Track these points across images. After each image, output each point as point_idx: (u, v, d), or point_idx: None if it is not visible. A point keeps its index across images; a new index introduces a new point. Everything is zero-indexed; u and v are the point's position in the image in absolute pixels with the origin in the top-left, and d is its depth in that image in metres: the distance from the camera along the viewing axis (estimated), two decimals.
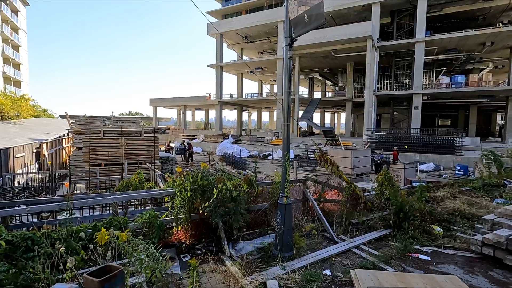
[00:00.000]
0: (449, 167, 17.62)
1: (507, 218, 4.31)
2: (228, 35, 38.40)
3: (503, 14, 28.17)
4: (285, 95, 4.29)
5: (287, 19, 4.08)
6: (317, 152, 5.84)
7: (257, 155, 25.01)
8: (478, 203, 6.97)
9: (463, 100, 30.47)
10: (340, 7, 28.90)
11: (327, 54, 29.47)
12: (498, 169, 9.18)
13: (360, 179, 11.13)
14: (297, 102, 30.92)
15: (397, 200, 5.10)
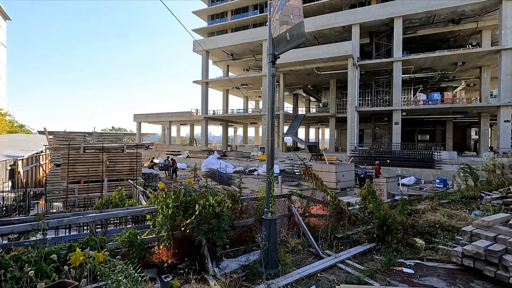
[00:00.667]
0: (429, 180, 18.16)
1: (484, 229, 4.45)
2: (214, 52, 39.00)
3: (472, 37, 30.28)
4: (269, 111, 4.35)
5: (270, 37, 4.20)
6: (302, 167, 5.88)
7: (243, 170, 24.89)
8: (457, 215, 7.16)
9: (440, 116, 31.93)
10: (322, 27, 30.18)
11: (310, 72, 30.38)
12: (474, 182, 9.54)
13: (344, 193, 11.24)
14: (282, 118, 31.35)
15: (380, 214, 5.17)
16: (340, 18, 29.57)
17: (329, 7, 33.52)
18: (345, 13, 30.03)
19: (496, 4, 24.37)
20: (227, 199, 4.12)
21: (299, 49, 30.24)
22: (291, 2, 3.62)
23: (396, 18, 27.00)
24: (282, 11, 3.80)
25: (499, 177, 10.05)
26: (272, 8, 4.04)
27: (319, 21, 30.47)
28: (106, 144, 13.34)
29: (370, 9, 28.87)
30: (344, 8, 32.61)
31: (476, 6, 25.15)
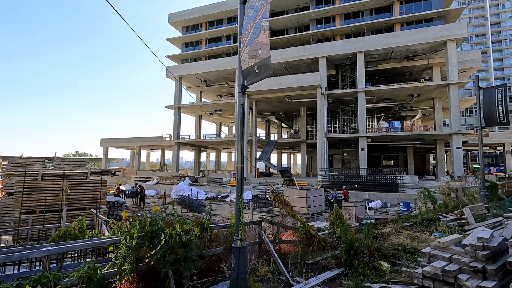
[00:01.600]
0: (394, 204, 19.02)
1: (440, 250, 4.73)
2: (187, 78, 39.38)
3: (424, 72, 33.67)
4: (238, 137, 4.47)
5: (240, 69, 4.43)
6: (272, 193, 5.97)
7: (215, 196, 24.40)
8: (419, 237, 7.54)
9: (401, 142, 34.20)
10: (292, 58, 31.96)
11: (281, 99, 31.55)
12: (433, 204, 10.19)
13: (315, 218, 11.39)
14: (255, 144, 31.73)
15: (347, 238, 5.32)
16: (308, 51, 31.62)
17: (298, 40, 35.85)
18: (312, 47, 32.22)
19: (443, 45, 27.62)
20: (195, 227, 4.03)
21: (271, 78, 31.54)
22: (259, 38, 3.90)
23: (358, 53, 29.46)
24: (251, 46, 4.07)
25: (454, 199, 10.84)
26: (242, 43, 4.31)
27: (290, 53, 32.32)
28: (68, 170, 12.55)
29: (335, 44, 31.31)
30: (312, 42, 35.04)
31: (426, 46, 28.30)
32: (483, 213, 8.68)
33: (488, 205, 9.61)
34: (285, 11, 37.33)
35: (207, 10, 39.81)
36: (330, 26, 34.41)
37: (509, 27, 77.40)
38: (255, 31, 3.89)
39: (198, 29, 41.56)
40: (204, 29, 41.02)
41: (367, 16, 33.17)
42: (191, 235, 3.78)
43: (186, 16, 40.98)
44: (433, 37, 27.31)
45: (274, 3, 36.03)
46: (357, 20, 33.43)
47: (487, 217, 8.26)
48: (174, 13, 41.94)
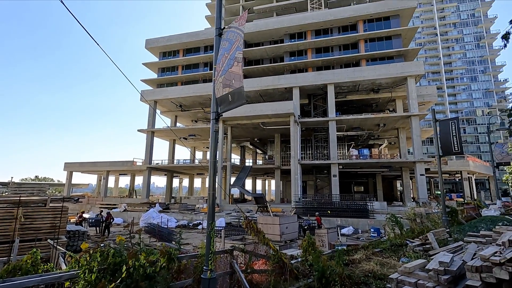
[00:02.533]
0: (365, 229, 19.37)
1: (407, 276, 4.87)
2: (162, 102, 39.11)
3: (389, 103, 36.23)
4: (211, 164, 4.47)
5: (214, 97, 4.54)
6: (244, 220, 5.89)
7: (187, 224, 23.42)
8: (388, 263, 7.68)
9: (370, 169, 35.70)
10: (267, 87, 33.14)
11: (256, 126, 32.12)
12: (400, 230, 10.55)
13: (289, 246, 11.27)
14: (229, 169, 31.50)
15: (319, 266, 5.31)
16: (282, 81, 33.04)
17: (273, 70, 37.46)
18: (286, 77, 33.77)
19: (403, 80, 30.19)
20: (161, 257, 3.83)
21: (247, 105, 32.24)
22: (233, 69, 4.07)
23: (329, 84, 31.28)
24: (225, 76, 4.23)
25: (419, 225, 11.32)
26: (216, 72, 4.46)
27: (265, 81, 33.55)
28: (24, 197, 11.55)
29: (308, 75, 33.09)
30: (285, 72, 36.76)
31: (389, 80, 30.78)
32: (445, 238, 9.12)
33: (450, 229, 10.13)
34: (261, 43, 39.24)
35: (184, 37, 40.76)
36: (303, 58, 36.50)
37: (459, 67, 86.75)
38: (229, 62, 4.07)
39: (175, 55, 42.13)
40: (181, 56, 41.69)
41: (336, 51, 35.74)
42: (156, 267, 3.58)
43: (164, 42, 41.58)
44: (395, 73, 29.85)
45: (251, 35, 37.86)
46: (327, 54, 35.86)
47: (449, 241, 8.68)
48: (151, 39, 42.41)
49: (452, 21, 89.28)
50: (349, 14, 34.42)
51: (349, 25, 35.47)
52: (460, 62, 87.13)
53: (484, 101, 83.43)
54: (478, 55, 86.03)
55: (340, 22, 35.23)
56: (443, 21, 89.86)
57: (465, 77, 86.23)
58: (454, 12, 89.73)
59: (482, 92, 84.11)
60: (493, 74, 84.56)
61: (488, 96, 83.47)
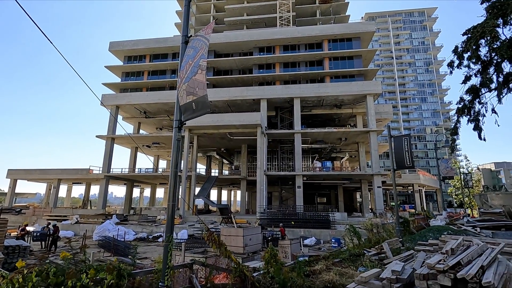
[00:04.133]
0: (327, 240, 19.89)
1: (363, 285, 5.03)
2: (125, 108, 37.37)
3: (350, 119, 38.32)
4: (172, 173, 4.30)
5: (178, 104, 4.42)
6: (205, 233, 5.71)
7: (146, 237, 22.18)
8: (347, 273, 7.89)
9: (332, 181, 37.07)
10: (235, 98, 33.29)
11: (223, 136, 31.92)
12: (358, 240, 10.98)
13: (252, 258, 11.14)
14: (194, 179, 30.72)
15: (280, 278, 5.29)
16: (250, 92, 33.46)
17: (241, 81, 37.82)
18: (255, 89, 34.29)
19: (364, 98, 32.23)
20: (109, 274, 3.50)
21: (214, 114, 32.03)
22: (197, 76, 4.01)
23: (295, 98, 32.33)
24: (188, 83, 4.14)
25: (375, 235, 11.89)
26: (180, 79, 4.36)
27: (233, 92, 33.70)
28: None
29: (275, 88, 33.93)
30: (254, 84, 37.32)
31: (350, 97, 32.67)
32: (398, 247, 9.66)
33: (402, 239, 10.76)
34: (230, 54, 39.57)
35: (152, 43, 39.73)
36: (271, 72, 37.43)
37: (411, 88, 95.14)
38: (193, 69, 4.00)
39: (141, 60, 40.76)
40: (148, 61, 40.45)
41: (303, 67, 37.22)
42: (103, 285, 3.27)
43: (129, 46, 40.11)
44: (356, 91, 31.80)
45: (221, 45, 38.06)
46: (295, 69, 37.20)
47: (402, 250, 9.21)
48: (116, 42, 40.69)
49: (405, 46, 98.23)
50: (315, 33, 36.23)
51: (315, 43, 37.28)
52: (412, 84, 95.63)
53: (432, 120, 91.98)
54: (427, 78, 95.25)
55: (307, 39, 36.91)
56: (398, 46, 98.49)
57: (416, 97, 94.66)
58: (408, 39, 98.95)
59: (430, 112, 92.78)
60: (440, 97, 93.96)
61: (436, 116, 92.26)
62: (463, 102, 10.66)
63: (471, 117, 10.58)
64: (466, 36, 10.03)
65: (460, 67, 10.25)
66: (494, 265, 4.20)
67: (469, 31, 9.68)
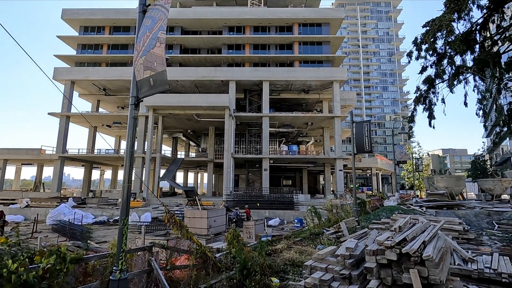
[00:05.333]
0: (290, 220, 20.71)
1: (320, 262, 5.29)
2: (82, 84, 34.51)
3: (316, 104, 39.25)
4: (127, 154, 4.05)
5: (134, 79, 4.10)
6: (165, 215, 5.57)
7: (106, 220, 21.30)
8: (306, 251, 8.29)
9: (298, 164, 38.25)
10: (203, 78, 32.23)
11: (190, 117, 31.04)
12: (318, 220, 11.55)
13: (216, 239, 11.24)
14: (159, 161, 29.78)
15: (241, 258, 5.37)
16: (219, 73, 32.59)
17: (210, 61, 36.60)
18: (224, 70, 33.43)
19: (330, 84, 33.04)
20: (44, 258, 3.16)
21: (180, 94, 30.83)
22: (155, 50, 3.72)
23: (264, 81, 32.18)
24: (146, 57, 3.84)
25: (335, 215, 12.58)
26: (136, 52, 4.03)
27: (201, 72, 32.55)
28: None
29: (245, 70, 33.39)
30: (223, 65, 36.34)
31: (318, 83, 33.31)
32: (355, 226, 10.34)
33: (358, 218, 11.53)
34: (198, 31, 37.84)
35: (112, 14, 36.52)
36: (241, 53, 36.62)
37: (375, 77, 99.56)
38: (151, 42, 3.70)
39: (99, 32, 37.43)
40: (108, 33, 37.28)
41: (273, 50, 36.89)
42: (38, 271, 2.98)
43: (86, 15, 36.50)
44: (323, 77, 32.44)
45: (189, 21, 36.17)
46: (264, 51, 36.76)
47: (357, 229, 9.86)
48: (70, 10, 36.75)
49: (371, 36, 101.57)
50: (286, 15, 35.84)
51: (286, 26, 36.97)
52: (376, 73, 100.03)
53: (391, 109, 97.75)
54: (390, 68, 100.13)
55: (278, 22, 36.43)
56: (364, 35, 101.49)
57: (379, 86, 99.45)
58: (374, 29, 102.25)
59: (390, 101, 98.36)
60: (400, 86, 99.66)
61: (395, 104, 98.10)
62: (420, 92, 11.38)
63: (426, 105, 11.36)
64: (425, 28, 10.55)
65: (418, 58, 10.84)
66: (434, 240, 4.64)
67: (428, 23, 10.18)
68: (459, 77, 10.50)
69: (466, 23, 10.47)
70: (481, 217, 12.45)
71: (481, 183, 21.20)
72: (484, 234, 10.32)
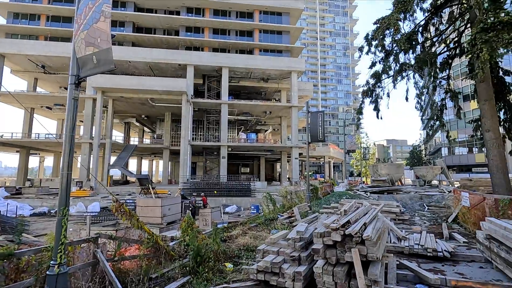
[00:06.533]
0: (247, 207, 21.11)
1: (272, 246, 5.50)
2: (15, 59, 30.34)
3: (275, 93, 39.86)
4: (66, 138, 3.69)
5: (74, 56, 3.70)
6: (113, 204, 5.25)
7: (48, 212, 19.47)
8: (261, 236, 8.55)
9: (256, 152, 38.79)
10: (159, 60, 30.45)
11: (144, 102, 29.35)
12: (273, 206, 11.95)
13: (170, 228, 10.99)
14: (109, 148, 27.86)
15: (194, 245, 5.34)
16: (176, 56, 31.06)
17: (166, 43, 34.66)
18: (181, 53, 31.92)
19: (289, 74, 33.67)
20: None
21: (133, 76, 28.85)
22: (99, 24, 3.38)
23: (224, 67, 31.56)
24: (88, 31, 3.47)
25: (289, 201, 13.12)
26: (77, 25, 3.62)
27: (156, 54, 30.67)
28: None
29: (204, 55, 32.31)
30: (180, 48, 34.71)
31: (277, 72, 33.71)
32: (307, 211, 10.91)
33: (311, 204, 12.18)
34: (154, 10, 35.42)
35: None
36: (199, 36, 35.29)
37: (330, 69, 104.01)
38: (94, 15, 3.35)
39: (36, 0, 32.91)
40: (46, 3, 32.96)
41: (233, 36, 36.20)
42: None
43: None
44: (282, 66, 32.88)
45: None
46: (224, 37, 35.90)
47: (309, 213, 10.43)
48: None
49: (329, 29, 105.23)
50: (247, 1, 35.22)
51: (247, 12, 36.42)
52: (332, 66, 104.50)
53: (345, 101, 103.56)
54: (344, 62, 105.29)
55: (238, 7, 35.67)
56: (322, 28, 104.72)
57: (334, 79, 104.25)
58: (331, 22, 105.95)
59: (344, 93, 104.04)
60: (353, 80, 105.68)
61: (348, 96, 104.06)
62: (368, 85, 12.20)
63: (372, 99, 12.24)
64: (376, 25, 11.23)
65: (368, 53, 11.56)
66: (374, 222, 5.10)
67: (378, 21, 10.86)
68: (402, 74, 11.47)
69: (410, 24, 11.39)
70: (415, 200, 14.04)
71: (416, 170, 23.80)
72: (416, 215, 11.67)
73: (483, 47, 7.73)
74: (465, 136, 42.97)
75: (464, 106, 39.22)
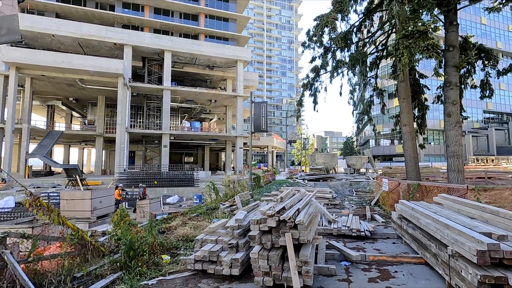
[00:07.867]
0: (190, 197, 20.64)
1: (211, 235, 5.49)
2: None
3: (221, 82, 39.28)
4: None
5: None
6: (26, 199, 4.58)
7: None
8: (201, 226, 8.46)
9: (200, 141, 38.02)
10: (90, 37, 27.20)
11: (72, 83, 26.08)
12: (216, 195, 11.92)
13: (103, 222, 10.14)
14: (27, 134, 24.20)
15: (127, 239, 5.01)
16: (111, 34, 28.09)
17: (99, 18, 31.06)
18: (117, 31, 28.94)
19: (235, 62, 33.41)
20: None
21: (58, 53, 25.25)
22: None
23: (166, 51, 29.74)
24: None
25: (232, 190, 13.24)
26: None
27: (87, 29, 27.27)
28: None
29: (144, 35, 29.86)
30: (116, 25, 31.48)
31: (223, 60, 33.15)
32: (248, 199, 11.16)
33: (252, 192, 12.49)
34: None
35: None
36: (139, 15, 32.51)
37: (276, 62, 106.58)
38: None
39: None
40: None
41: (176, 18, 34.23)
42: None
43: None
44: (228, 54, 32.43)
45: None
46: (167, 18, 33.72)
47: (250, 201, 10.68)
48: None
49: (275, 22, 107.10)
50: None
51: None
52: (277, 58, 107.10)
53: (288, 93, 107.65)
54: (289, 55, 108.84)
55: None
56: (269, 20, 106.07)
57: (279, 71, 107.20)
58: (278, 15, 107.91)
59: (288, 86, 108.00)
60: (296, 73, 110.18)
61: (291, 89, 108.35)
62: (308, 79, 12.85)
63: (312, 92, 12.96)
64: (316, 21, 11.79)
65: (308, 47, 12.12)
66: (307, 207, 5.46)
67: (318, 18, 11.42)
68: (338, 70, 12.35)
69: (346, 24, 12.24)
70: (345, 187, 15.50)
71: (348, 159, 26.28)
72: (346, 199, 12.92)
73: (404, 52, 8.75)
74: (389, 129, 48.76)
75: (388, 103, 44.40)
